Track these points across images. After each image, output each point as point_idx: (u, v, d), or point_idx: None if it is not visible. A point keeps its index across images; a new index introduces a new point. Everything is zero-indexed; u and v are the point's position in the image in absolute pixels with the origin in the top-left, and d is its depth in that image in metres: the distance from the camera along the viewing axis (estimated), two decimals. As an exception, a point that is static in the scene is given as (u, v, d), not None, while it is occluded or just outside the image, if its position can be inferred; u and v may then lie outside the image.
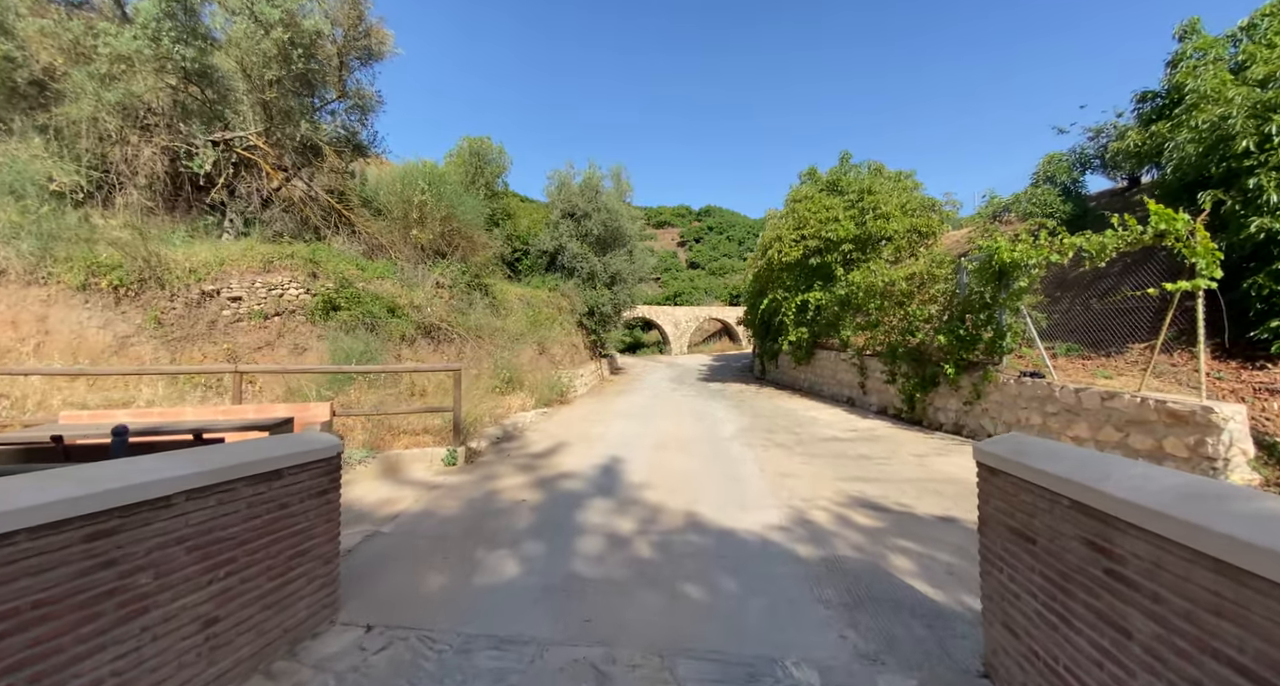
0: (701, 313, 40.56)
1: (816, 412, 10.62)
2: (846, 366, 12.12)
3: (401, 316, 9.60)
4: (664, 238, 77.48)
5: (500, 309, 12.33)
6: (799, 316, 14.09)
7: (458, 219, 10.90)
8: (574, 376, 13.14)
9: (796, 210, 13.79)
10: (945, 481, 5.40)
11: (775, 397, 13.38)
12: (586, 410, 10.71)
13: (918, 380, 8.96)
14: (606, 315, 16.89)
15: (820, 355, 13.81)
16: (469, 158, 16.04)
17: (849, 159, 14.74)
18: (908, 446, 7.21)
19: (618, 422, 9.12)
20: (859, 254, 12.82)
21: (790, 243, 13.63)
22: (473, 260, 11.28)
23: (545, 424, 8.77)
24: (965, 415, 7.97)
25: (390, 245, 11.00)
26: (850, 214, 12.85)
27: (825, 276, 13.59)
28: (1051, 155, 12.03)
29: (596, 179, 16.67)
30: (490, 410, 8.79)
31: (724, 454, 6.69)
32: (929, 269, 9.10)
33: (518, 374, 10.64)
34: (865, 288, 11.07)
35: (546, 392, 10.83)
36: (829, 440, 7.73)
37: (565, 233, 16.31)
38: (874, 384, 10.85)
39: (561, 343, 14.12)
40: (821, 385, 13.59)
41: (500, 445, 6.80)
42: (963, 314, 8.14)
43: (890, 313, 10.19)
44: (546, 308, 14.81)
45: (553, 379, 11.50)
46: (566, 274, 16.45)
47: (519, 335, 11.89)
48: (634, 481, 5.20)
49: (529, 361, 11.69)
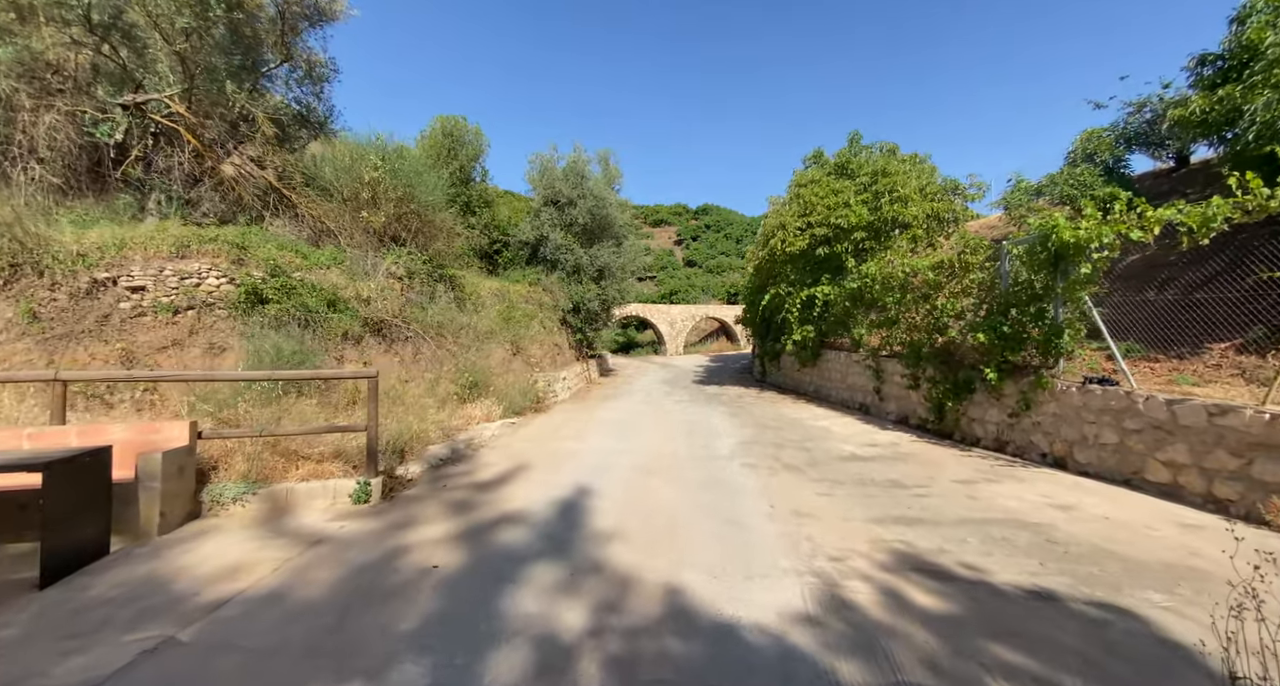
0: (698, 311, 39.30)
1: (827, 422, 9.34)
2: (859, 369, 10.85)
3: (345, 311, 8.26)
4: (660, 236, 76.68)
5: (469, 304, 11.00)
6: (804, 313, 12.81)
7: (417, 200, 9.57)
8: (554, 380, 11.83)
9: (802, 196, 12.50)
10: (1012, 523, 4.12)
11: (778, 403, 12.09)
12: (563, 419, 9.40)
13: (948, 386, 7.68)
14: (593, 312, 15.57)
15: (828, 356, 12.54)
16: (441, 139, 14.70)
17: (859, 140, 13.47)
18: (946, 469, 5.92)
19: (597, 436, 7.81)
20: (872, 243, 11.54)
21: (795, 231, 12.35)
22: (434, 247, 9.96)
23: (509, 438, 7.44)
24: (1010, 429, 6.69)
25: (340, 230, 9.66)
26: (863, 198, 11.57)
27: (834, 269, 12.31)
28: (1090, 131, 10.79)
29: (582, 163, 15.35)
30: (444, 422, 7.47)
31: (721, 480, 5.39)
32: (962, 256, 7.82)
33: (485, 378, 9.32)
34: (882, 279, 9.79)
35: (518, 399, 9.51)
36: (848, 459, 6.44)
37: (547, 222, 14.98)
38: (892, 389, 9.58)
39: (541, 342, 12.80)
40: (830, 389, 12.31)
41: (441, 470, 5.47)
42: (1005, 308, 6.86)
43: (912, 308, 8.91)
44: (525, 303, 13.49)
45: (527, 383, 10.18)
46: (549, 267, 15.12)
47: (489, 333, 10.57)
48: (600, 529, 3.89)
49: (500, 363, 10.37)
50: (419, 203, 9.71)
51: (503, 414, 8.84)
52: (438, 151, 14.70)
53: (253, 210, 9.37)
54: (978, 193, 10.78)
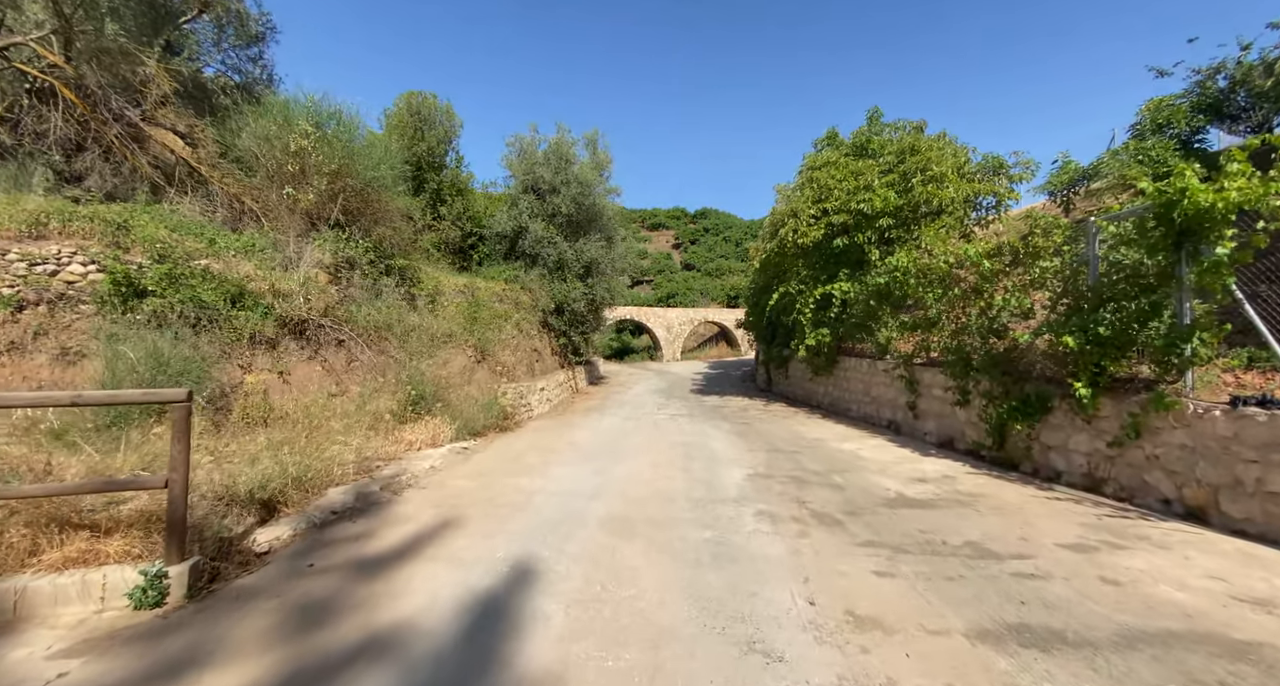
0: (697, 315, 37.75)
1: (853, 445, 7.75)
2: (886, 379, 9.27)
3: (253, 308, 6.66)
4: (658, 240, 75.62)
5: (426, 302, 9.40)
6: (819, 314, 11.25)
7: (357, 175, 7.99)
8: (528, 391, 10.22)
9: (816, 179, 10.97)
10: (1205, 639, 2.55)
11: (790, 419, 10.50)
12: (531, 441, 7.78)
13: (1014, 403, 6.11)
14: (579, 314, 13.98)
15: (846, 364, 10.97)
16: (407, 118, 13.16)
17: (879, 118, 11.97)
18: (1037, 522, 4.34)
19: (567, 466, 6.20)
20: (900, 232, 10.01)
21: (808, 220, 10.80)
22: (379, 233, 8.37)
23: (450, 472, 5.82)
24: (1110, 463, 5.11)
25: (266, 212, 8.08)
26: (888, 180, 10.04)
27: (854, 262, 10.77)
28: (1159, 100, 9.29)
29: (565, 145, 13.80)
30: (373, 449, 5.86)
31: (732, 546, 3.79)
32: (1029, 239, 6.26)
33: (438, 390, 7.72)
34: (917, 272, 8.24)
35: (477, 416, 7.90)
36: (897, 504, 4.85)
37: (526, 211, 13.41)
38: (931, 404, 8.00)
39: (515, 347, 11.19)
40: (849, 402, 10.73)
41: (327, 532, 3.84)
42: (1098, 303, 5.30)
43: (960, 305, 7.35)
44: (499, 302, 11.89)
45: (491, 396, 8.57)
46: (529, 262, 13.55)
47: (448, 337, 8.97)
48: (529, 668, 2.28)
49: (460, 372, 8.76)
50: (361, 179, 8.13)
51: (455, 435, 7.23)
52: (402, 131, 13.13)
53: (155, 186, 7.77)
54: (1025, 172, 9.25)
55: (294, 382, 6.95)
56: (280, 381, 6.82)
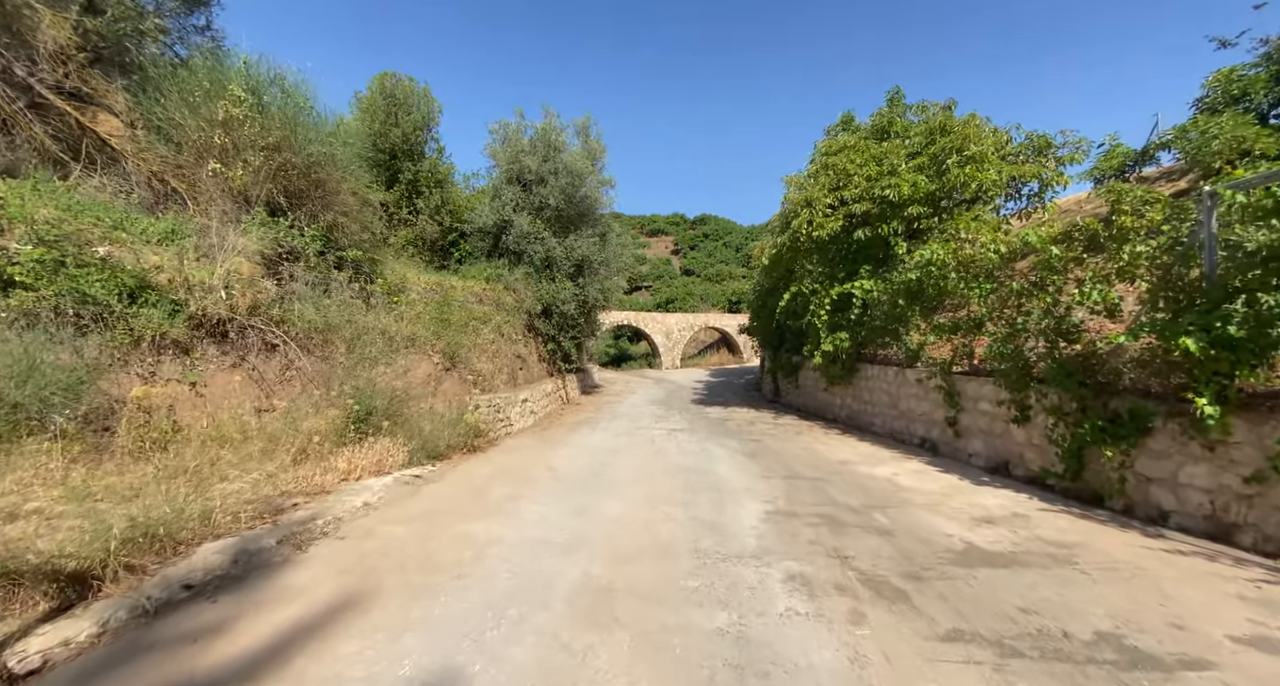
0: (697, 320, 36.60)
1: (887, 469, 6.56)
2: (918, 390, 8.10)
3: (158, 304, 5.48)
4: (657, 245, 75.07)
5: (388, 301, 8.22)
6: (835, 317, 10.09)
7: (301, 151, 6.84)
8: (506, 403, 9.02)
9: (833, 165, 9.85)
10: None
11: (805, 434, 9.31)
12: (501, 466, 6.58)
13: (1097, 422, 4.93)
14: (569, 316, 12.80)
15: (868, 372, 9.79)
16: (380, 101, 12.06)
17: (901, 99, 10.87)
18: (1178, 595, 3.15)
19: (538, 502, 5.00)
20: (932, 221, 8.87)
21: (824, 210, 9.67)
22: (329, 219, 7.21)
23: (386, 512, 4.61)
24: (1246, 504, 3.93)
25: (197, 194, 6.91)
26: (916, 163, 8.92)
27: (877, 257, 9.64)
28: (1228, 70, 8.19)
29: (553, 131, 12.68)
30: (288, 482, 4.68)
31: (756, 644, 2.61)
32: (1115, 218, 5.11)
33: (393, 404, 6.53)
34: (958, 265, 7.09)
35: (440, 435, 6.71)
36: (969, 560, 3.67)
37: (511, 203, 12.25)
38: (977, 420, 6.82)
39: (495, 353, 10.01)
40: (872, 416, 9.54)
41: (152, 626, 2.62)
42: (1223, 295, 4.14)
43: (1014, 302, 6.18)
44: (479, 303, 10.72)
45: (459, 411, 7.38)
46: (513, 260, 12.38)
47: (411, 341, 7.78)
48: None
49: (423, 382, 7.57)
50: (307, 155, 6.97)
51: (408, 460, 6.03)
52: (374, 115, 12.01)
53: (59, 161, 6.61)
54: (1075, 152, 8.12)
55: (210, 396, 5.75)
56: (192, 394, 5.62)
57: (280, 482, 4.84)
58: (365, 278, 7.85)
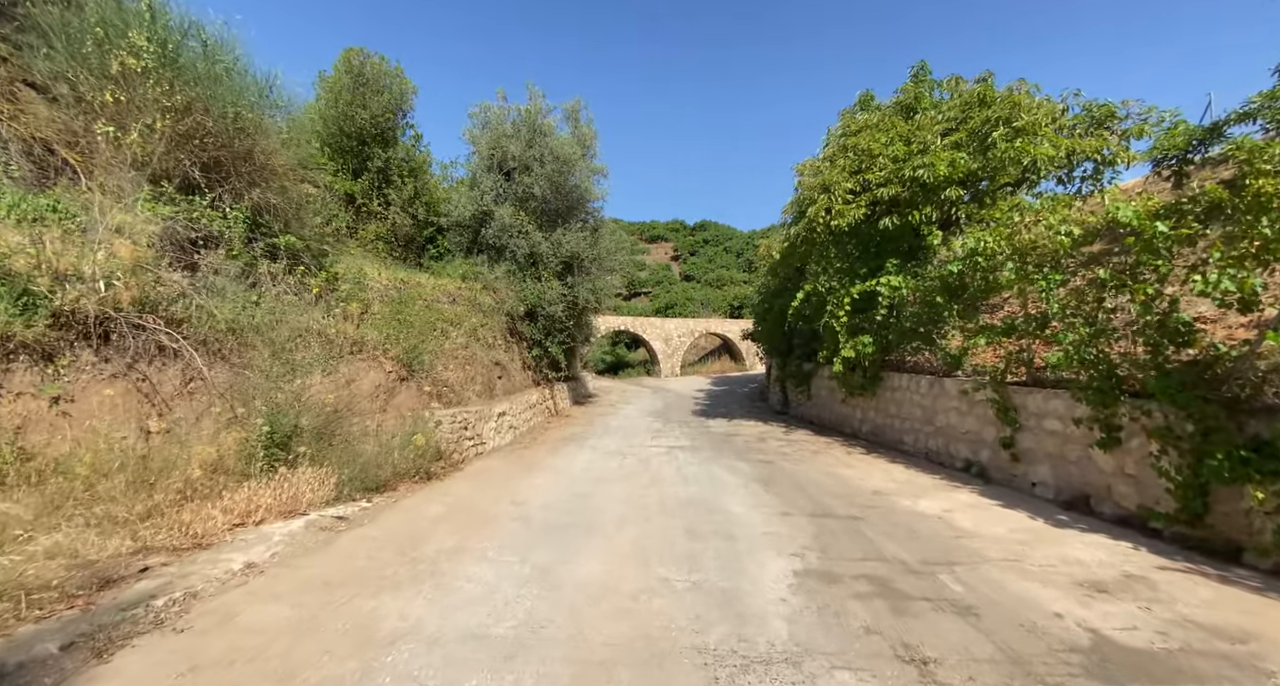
0: (697, 326, 35.41)
1: (934, 502, 5.35)
2: (961, 403, 6.90)
3: (2, 297, 4.29)
4: (657, 252, 74.40)
5: (339, 298, 7.04)
6: (856, 318, 8.92)
7: (216, 114, 5.68)
8: (479, 418, 7.81)
9: (855, 145, 8.72)
10: None
11: (824, 453, 8.10)
12: (456, 501, 5.36)
13: (1235, 452, 3.74)
14: (556, 319, 11.60)
15: (895, 381, 8.60)
16: (345, 79, 10.95)
17: (927, 73, 9.75)
18: None
19: (486, 560, 3.79)
20: (971, 207, 7.72)
21: (844, 196, 8.52)
22: (253, 196, 6.03)
23: (267, 582, 3.38)
24: None
25: (87, 163, 5.73)
26: (952, 140, 7.78)
27: (906, 249, 8.50)
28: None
29: (538, 113, 11.54)
30: (151, 532, 3.48)
31: None
32: (1249, 181, 3.94)
33: (326, 423, 5.33)
34: (1016, 252, 5.92)
35: (389, 459, 5.50)
36: (1102, 670, 2.45)
37: (490, 192, 11.10)
38: (1043, 442, 5.63)
39: (468, 360, 8.81)
40: (901, 432, 8.33)
41: None
42: None
43: (1097, 295, 5.00)
44: (451, 303, 9.53)
45: (413, 428, 6.17)
46: (493, 256, 11.21)
47: (358, 345, 6.59)
48: None
49: (371, 394, 6.37)
50: (227, 120, 5.81)
51: (336, 494, 4.83)
52: (339, 95, 10.88)
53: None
54: (1144, 125, 6.97)
55: (79, 414, 4.56)
56: (53, 412, 4.43)
57: (142, 533, 3.64)
58: (307, 270, 6.67)
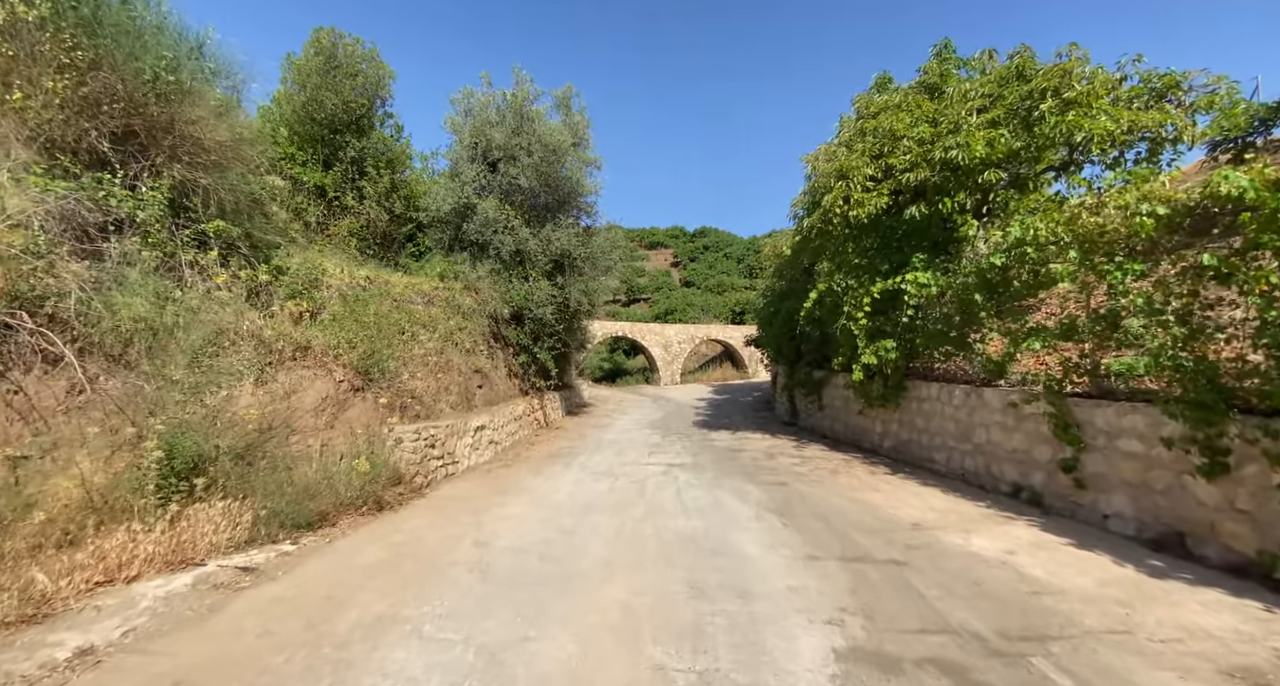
0: (698, 332, 34.52)
1: (992, 542, 4.42)
2: (1008, 418, 5.98)
3: None
4: (657, 258, 74.09)
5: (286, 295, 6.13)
6: (877, 320, 8.01)
7: (125, 74, 4.80)
8: (451, 433, 6.88)
9: (876, 128, 7.86)
10: None
11: (844, 474, 7.17)
12: (407, 540, 4.41)
13: None
14: (546, 323, 10.69)
15: (922, 391, 7.68)
16: (317, 64, 10.12)
17: (952, 51, 8.91)
18: None
19: (418, 636, 2.86)
20: (1009, 193, 6.83)
21: (863, 183, 7.65)
22: (174, 173, 5.16)
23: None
24: None
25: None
26: (988, 118, 6.90)
27: (934, 243, 7.60)
28: None
29: (524, 98, 10.69)
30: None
31: None
32: None
33: (253, 443, 4.41)
34: (1075, 240, 5.03)
35: (330, 487, 4.57)
36: None
37: (472, 183, 10.22)
38: (1119, 466, 4.70)
39: (441, 367, 7.90)
40: (931, 449, 7.40)
41: None
42: None
43: (1190, 287, 4.10)
44: (427, 304, 8.62)
45: (367, 447, 5.24)
46: (476, 253, 10.31)
47: (302, 350, 5.66)
48: None
49: (315, 408, 5.44)
50: (144, 82, 4.93)
51: (251, 534, 3.89)
52: (305, 80, 10.04)
53: None
54: (1211, 97, 6.10)
55: (-79, 436, 3.65)
56: (-118, 434, 3.52)
57: (-48, 602, 2.70)
58: (245, 263, 5.76)
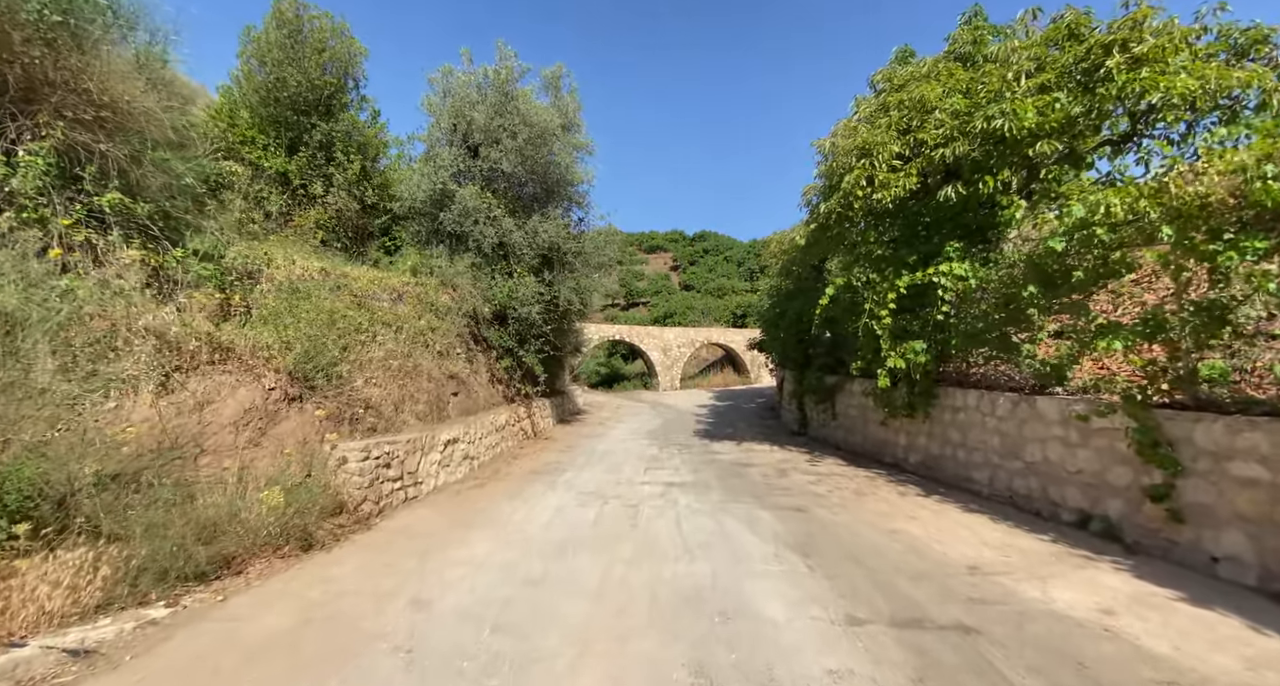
0: (698, 336, 33.57)
1: (1074, 593, 3.48)
2: (1070, 433, 5.04)
3: None
4: (656, 261, 73.70)
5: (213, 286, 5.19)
6: (903, 319, 7.08)
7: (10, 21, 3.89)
8: (414, 450, 5.93)
9: (902, 101, 6.95)
10: None
11: (870, 495, 6.21)
12: (325, 599, 3.46)
13: None
14: (532, 323, 9.75)
15: (955, 399, 6.74)
16: (278, 38, 9.23)
17: (983, 18, 8.01)
18: None
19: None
20: (1062, 169, 5.91)
21: (889, 161, 6.74)
22: (57, 135, 4.23)
23: None
24: None
25: None
26: (1036, 82, 5.99)
27: (972, 228, 6.67)
28: None
29: (508, 75, 9.77)
30: None
31: None
32: None
33: (142, 471, 3.44)
34: (1167, 214, 4.10)
35: (246, 521, 3.60)
36: None
37: (450, 167, 9.30)
38: (1232, 496, 3.76)
39: (408, 372, 6.96)
40: (968, 467, 6.44)
41: None
42: None
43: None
44: (395, 301, 7.68)
45: (297, 470, 4.28)
46: (454, 245, 9.39)
47: (223, 351, 4.71)
48: None
49: (235, 421, 4.48)
50: (24, 22, 4.01)
51: (107, 596, 2.93)
52: (266, 55, 9.13)
53: None
54: (1308, 51, 5.21)
55: None
56: None
57: None
58: (149, 247, 4.81)
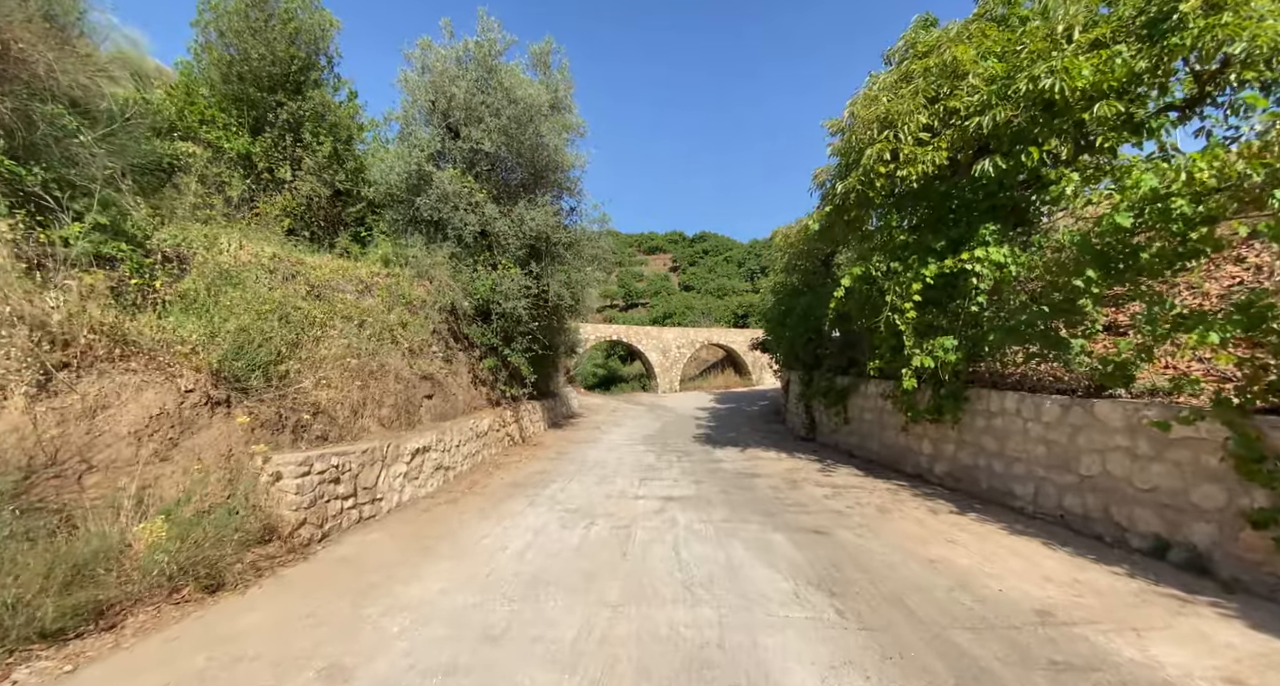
0: (698, 336, 32.76)
1: (1181, 652, 2.70)
2: (1138, 443, 4.27)
3: None
4: (655, 262, 73.63)
5: (131, 269, 4.43)
6: (928, 314, 6.33)
7: None
8: (372, 462, 5.16)
9: (930, 65, 6.20)
10: None
11: (897, 512, 5.44)
12: (200, 677, 2.68)
13: None
14: (519, 319, 8.98)
15: (990, 402, 5.97)
16: (242, 8, 8.48)
17: (1016, -20, 7.26)
18: None
19: None
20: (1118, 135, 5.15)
21: (916, 133, 5.99)
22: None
23: None
24: None
25: None
26: (1088, 38, 5.23)
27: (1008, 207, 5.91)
28: None
29: (493, 49, 9.01)
30: None
31: None
32: None
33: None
34: (1274, 177, 3.33)
35: (136, 557, 2.83)
36: None
37: (427, 148, 8.53)
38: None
39: (374, 374, 6.19)
40: (1006, 479, 5.67)
41: None
42: None
43: None
44: (361, 294, 6.92)
45: (217, 488, 3.50)
46: (431, 233, 8.62)
47: (125, 344, 3.95)
48: None
49: (137, 430, 3.71)
50: None
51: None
52: (227, 24, 8.39)
53: None
54: None
55: None
56: None
57: None
58: (32, 219, 4.06)
